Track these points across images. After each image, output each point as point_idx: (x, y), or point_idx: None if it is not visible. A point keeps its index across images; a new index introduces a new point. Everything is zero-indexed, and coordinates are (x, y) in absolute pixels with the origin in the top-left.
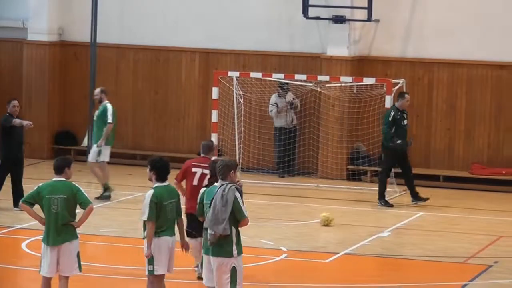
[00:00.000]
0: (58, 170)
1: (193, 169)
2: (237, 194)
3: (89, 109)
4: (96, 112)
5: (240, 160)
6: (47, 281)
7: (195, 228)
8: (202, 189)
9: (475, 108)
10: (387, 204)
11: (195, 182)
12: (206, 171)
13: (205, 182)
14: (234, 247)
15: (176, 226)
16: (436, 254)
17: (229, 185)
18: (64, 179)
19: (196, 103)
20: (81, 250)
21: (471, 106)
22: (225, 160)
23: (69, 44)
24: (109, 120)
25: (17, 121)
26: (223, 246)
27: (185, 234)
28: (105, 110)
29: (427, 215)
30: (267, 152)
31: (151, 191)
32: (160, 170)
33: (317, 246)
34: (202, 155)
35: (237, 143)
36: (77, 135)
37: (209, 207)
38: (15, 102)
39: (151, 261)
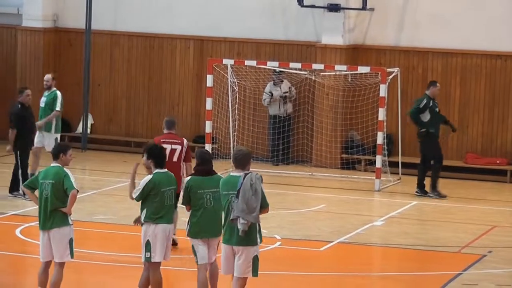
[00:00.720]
0: (54, 156)
1: (163, 145)
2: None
3: (83, 96)
4: (44, 99)
5: (234, 148)
6: (43, 267)
7: None
8: (187, 178)
9: (469, 98)
10: (440, 195)
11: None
12: (176, 147)
13: (175, 157)
14: (257, 235)
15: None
16: (430, 244)
17: (254, 174)
18: (58, 165)
19: (190, 91)
20: (75, 236)
21: (465, 95)
22: (243, 150)
23: (63, 30)
24: (58, 108)
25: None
26: (248, 234)
27: None
28: (55, 98)
29: (421, 204)
30: (261, 140)
31: (149, 176)
32: (158, 157)
33: (310, 234)
34: (166, 131)
35: (231, 131)
36: (71, 122)
37: (236, 197)
38: (29, 91)
39: (148, 248)
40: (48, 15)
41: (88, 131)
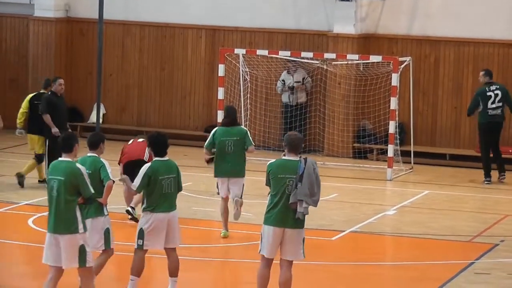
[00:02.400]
0: (93, 145)
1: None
2: None
3: (97, 86)
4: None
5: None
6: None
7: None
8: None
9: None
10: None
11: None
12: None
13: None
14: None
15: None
16: (442, 233)
17: (312, 159)
18: (95, 154)
19: (202, 80)
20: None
21: (478, 84)
22: (297, 134)
23: (75, 20)
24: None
25: (55, 131)
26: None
27: None
28: None
29: (433, 193)
30: (273, 130)
31: (147, 164)
32: (156, 145)
33: (323, 224)
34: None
35: (243, 121)
36: (84, 112)
37: (299, 181)
38: (61, 81)
39: (141, 235)
40: (60, 5)
41: (100, 121)
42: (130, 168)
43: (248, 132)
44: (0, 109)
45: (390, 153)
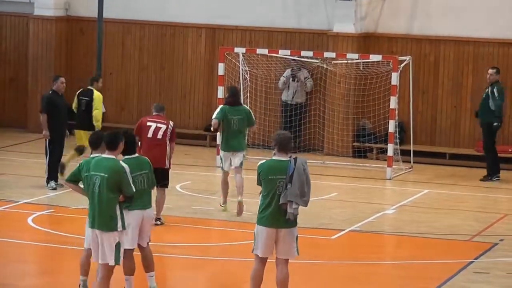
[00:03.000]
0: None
1: (148, 123)
2: None
3: None
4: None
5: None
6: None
7: None
8: (221, 106)
9: (482, 86)
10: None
11: (149, 135)
12: (160, 125)
13: (159, 135)
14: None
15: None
16: (441, 232)
17: (302, 158)
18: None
19: (202, 79)
20: (68, 224)
21: (478, 83)
22: (285, 133)
23: (75, 19)
24: None
25: (46, 134)
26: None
27: None
28: None
29: (432, 192)
30: (273, 129)
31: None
32: (126, 143)
33: (322, 223)
34: (155, 113)
35: None
36: None
37: (289, 181)
38: (63, 79)
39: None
40: (60, 4)
41: None
42: None
43: (251, 111)
44: (0, 108)
45: (390, 152)
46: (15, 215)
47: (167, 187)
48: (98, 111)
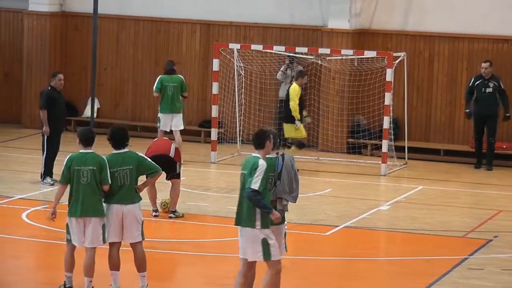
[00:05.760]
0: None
1: None
2: None
3: (91, 80)
4: None
5: (241, 132)
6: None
7: None
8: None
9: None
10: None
11: None
12: None
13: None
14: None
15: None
16: (435, 228)
17: (289, 154)
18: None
19: (196, 75)
20: (63, 219)
21: None
22: (272, 130)
23: (70, 15)
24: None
25: (47, 130)
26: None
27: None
28: None
29: (427, 189)
30: (267, 125)
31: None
32: (112, 139)
33: (317, 219)
34: None
35: (237, 115)
36: (78, 106)
37: (278, 178)
38: (61, 76)
39: (103, 228)
40: None
41: (95, 115)
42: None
43: (184, 79)
44: None
45: (384, 149)
46: (9, 211)
47: (179, 178)
48: (293, 102)
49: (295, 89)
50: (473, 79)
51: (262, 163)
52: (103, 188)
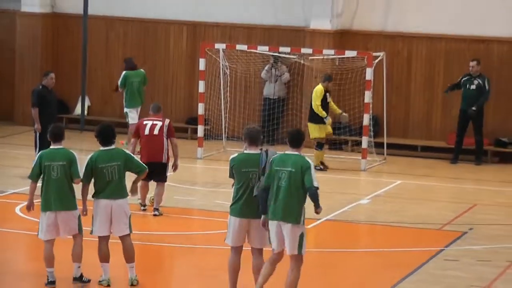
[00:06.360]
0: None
1: (144, 122)
2: None
3: (81, 79)
4: None
5: (226, 129)
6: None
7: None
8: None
9: (453, 81)
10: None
11: (146, 132)
12: (156, 122)
13: (156, 131)
14: None
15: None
16: (413, 221)
17: (272, 150)
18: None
19: (183, 74)
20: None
21: (449, 79)
22: (255, 127)
23: (61, 15)
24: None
25: (38, 127)
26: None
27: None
28: None
29: (405, 183)
30: (252, 121)
31: (91, 154)
32: (99, 136)
33: None
34: (151, 113)
35: (223, 113)
36: (69, 104)
37: (262, 174)
38: (53, 75)
39: (92, 222)
40: (46, 0)
41: (85, 112)
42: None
43: (145, 73)
44: None
45: (364, 145)
46: (2, 205)
47: (165, 181)
48: (314, 103)
49: (317, 91)
50: (462, 76)
51: (311, 162)
52: (74, 181)
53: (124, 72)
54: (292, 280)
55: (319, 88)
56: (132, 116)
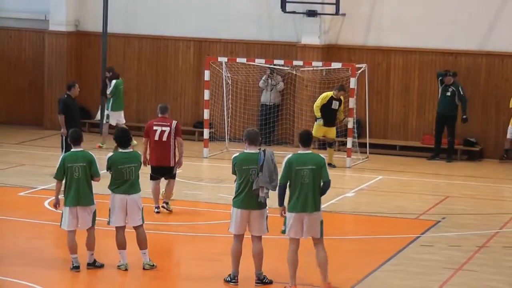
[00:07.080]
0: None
1: (154, 128)
2: None
3: (101, 89)
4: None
5: (228, 132)
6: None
7: (157, 174)
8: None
9: (426, 88)
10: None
11: (156, 138)
12: (165, 129)
13: (165, 137)
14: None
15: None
16: (393, 211)
17: (269, 150)
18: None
19: (191, 84)
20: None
21: (423, 86)
22: (254, 129)
23: (84, 34)
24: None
25: (64, 131)
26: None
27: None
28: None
29: (385, 178)
30: (250, 125)
31: (110, 154)
32: (117, 139)
33: None
34: (160, 115)
35: (225, 117)
36: (91, 111)
37: (260, 170)
38: (77, 86)
39: (109, 213)
40: (71, 21)
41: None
42: (159, 170)
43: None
44: (20, 109)
45: (349, 145)
46: (34, 199)
47: (175, 178)
48: (316, 103)
49: (323, 95)
50: (441, 84)
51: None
52: (94, 179)
53: (114, 81)
54: (324, 256)
55: (327, 93)
56: (115, 118)
